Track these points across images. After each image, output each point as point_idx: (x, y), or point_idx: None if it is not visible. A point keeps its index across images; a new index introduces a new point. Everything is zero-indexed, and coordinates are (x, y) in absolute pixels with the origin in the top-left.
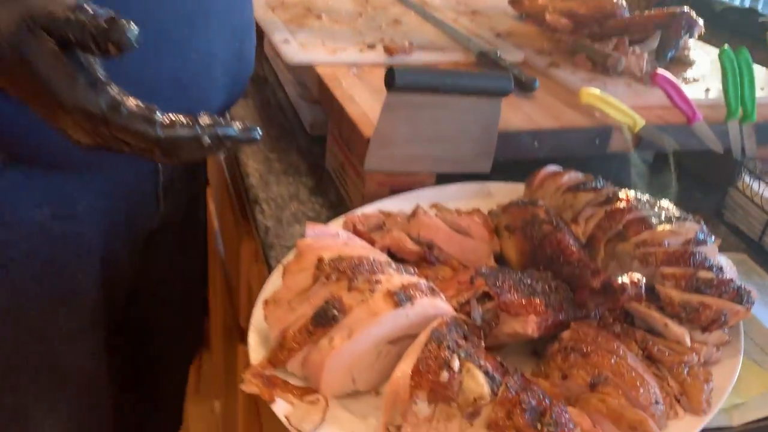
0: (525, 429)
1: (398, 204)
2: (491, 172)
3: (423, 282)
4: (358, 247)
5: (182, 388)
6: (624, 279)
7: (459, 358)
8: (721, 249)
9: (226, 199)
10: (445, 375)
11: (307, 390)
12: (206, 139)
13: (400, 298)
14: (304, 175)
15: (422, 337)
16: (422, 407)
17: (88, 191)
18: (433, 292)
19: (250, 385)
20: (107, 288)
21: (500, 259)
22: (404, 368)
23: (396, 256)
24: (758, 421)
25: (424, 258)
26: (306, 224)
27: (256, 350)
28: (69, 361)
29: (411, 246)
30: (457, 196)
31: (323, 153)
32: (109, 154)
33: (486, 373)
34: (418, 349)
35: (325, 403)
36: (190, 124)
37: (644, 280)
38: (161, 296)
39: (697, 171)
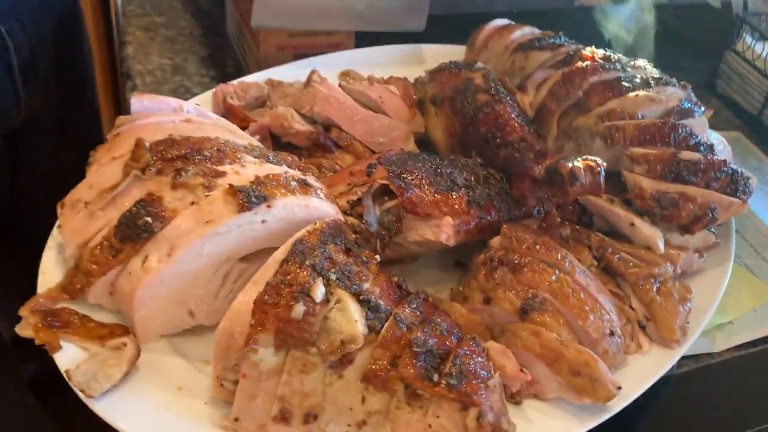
0: (415, 382)
1: (299, 72)
2: (426, 31)
3: (293, 174)
4: (207, 127)
5: None
6: (576, 163)
7: (326, 283)
8: (712, 126)
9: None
10: (299, 309)
11: (117, 330)
12: None
13: (248, 197)
14: (197, 42)
15: (278, 254)
16: (265, 355)
17: None
18: (305, 187)
19: (25, 326)
20: None
21: (425, 142)
22: (244, 299)
23: (282, 141)
24: (746, 345)
25: (317, 142)
26: (133, 94)
27: (49, 273)
28: None
29: (299, 126)
30: (380, 63)
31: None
32: None
33: (366, 302)
34: (270, 271)
35: (134, 350)
36: None
37: (605, 165)
38: (46, 195)
39: (687, 32)
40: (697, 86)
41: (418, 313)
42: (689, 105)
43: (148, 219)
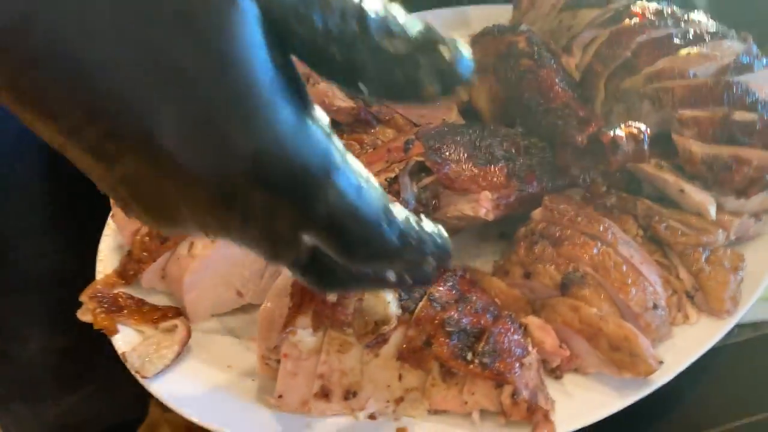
0: (449, 360)
1: None
2: None
3: None
4: None
5: None
6: (618, 132)
7: None
8: None
9: None
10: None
11: (168, 312)
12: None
13: None
14: None
15: None
16: (304, 336)
17: None
18: None
19: (85, 312)
20: None
21: (469, 111)
22: (282, 283)
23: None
24: None
25: (358, 118)
26: None
27: (107, 259)
28: None
29: (341, 102)
30: None
31: None
32: None
33: None
34: None
35: (184, 332)
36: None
37: (648, 132)
38: None
39: None
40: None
41: (454, 291)
42: (748, 59)
43: None
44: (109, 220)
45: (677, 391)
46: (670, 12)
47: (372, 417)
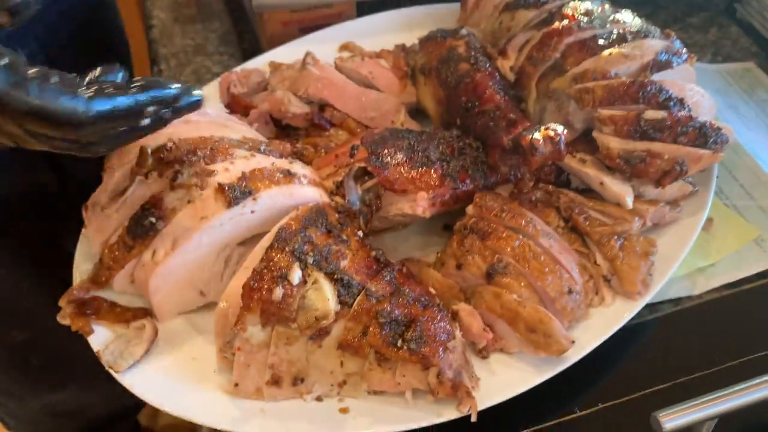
0: (382, 348)
1: (300, 51)
2: None
3: (279, 165)
4: (203, 125)
5: None
6: (536, 135)
7: (304, 266)
8: (727, 57)
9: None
10: (278, 292)
11: (138, 312)
12: (148, 111)
13: (234, 194)
14: (217, 19)
15: (264, 241)
16: (254, 332)
17: None
18: (289, 177)
19: (64, 315)
20: None
21: (420, 111)
22: (235, 284)
23: (282, 124)
24: (726, 287)
25: (313, 123)
26: None
27: (82, 265)
28: None
29: (295, 108)
30: (381, 30)
31: None
32: None
33: (340, 280)
34: (256, 258)
35: (151, 330)
36: (121, 87)
37: (565, 134)
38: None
39: None
40: (718, 12)
41: (391, 284)
42: (667, 56)
43: (152, 219)
44: (83, 231)
45: (604, 362)
46: (599, 11)
47: (318, 399)
